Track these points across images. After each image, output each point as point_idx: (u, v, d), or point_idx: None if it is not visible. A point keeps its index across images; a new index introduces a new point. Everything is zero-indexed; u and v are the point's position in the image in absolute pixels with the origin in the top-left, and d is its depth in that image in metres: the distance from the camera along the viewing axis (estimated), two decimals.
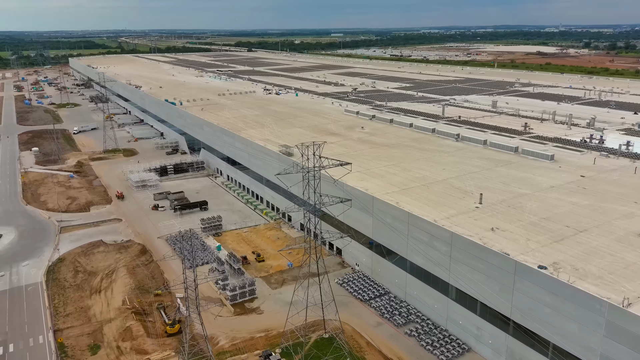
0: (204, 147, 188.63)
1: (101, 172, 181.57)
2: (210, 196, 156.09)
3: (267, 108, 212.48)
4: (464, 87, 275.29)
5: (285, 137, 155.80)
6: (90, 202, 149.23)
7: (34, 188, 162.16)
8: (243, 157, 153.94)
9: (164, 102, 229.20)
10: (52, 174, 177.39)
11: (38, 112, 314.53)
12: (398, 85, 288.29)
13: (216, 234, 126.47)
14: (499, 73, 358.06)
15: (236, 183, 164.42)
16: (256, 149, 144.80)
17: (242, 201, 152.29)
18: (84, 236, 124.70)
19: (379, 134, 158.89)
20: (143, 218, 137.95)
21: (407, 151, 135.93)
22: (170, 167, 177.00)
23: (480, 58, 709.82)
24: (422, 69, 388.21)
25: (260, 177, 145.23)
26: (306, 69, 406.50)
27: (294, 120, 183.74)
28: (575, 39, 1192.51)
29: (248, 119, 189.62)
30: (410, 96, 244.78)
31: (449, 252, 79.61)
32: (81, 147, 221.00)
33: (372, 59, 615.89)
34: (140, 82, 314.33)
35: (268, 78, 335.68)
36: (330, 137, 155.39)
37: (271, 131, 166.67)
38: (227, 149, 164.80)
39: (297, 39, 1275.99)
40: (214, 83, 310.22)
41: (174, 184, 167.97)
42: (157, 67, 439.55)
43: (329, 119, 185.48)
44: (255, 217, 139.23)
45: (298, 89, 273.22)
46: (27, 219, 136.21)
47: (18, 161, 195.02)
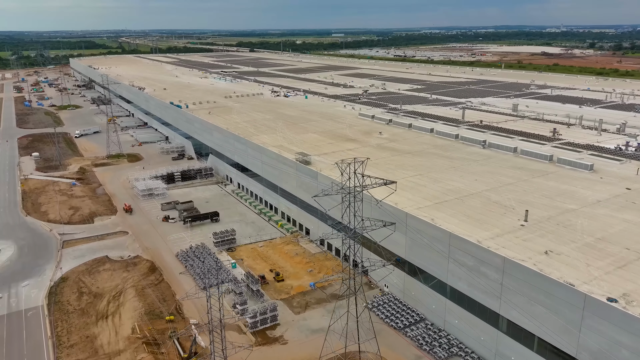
0: (212, 152, 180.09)
1: (105, 179, 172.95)
2: (221, 206, 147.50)
3: (277, 111, 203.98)
4: (477, 89, 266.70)
5: (300, 144, 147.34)
6: (94, 213, 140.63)
7: (35, 197, 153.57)
8: (256, 165, 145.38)
9: (170, 105, 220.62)
10: (54, 181, 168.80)
11: (38, 114, 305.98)
12: (409, 87, 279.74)
13: (230, 248, 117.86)
14: (512, 74, 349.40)
15: (248, 192, 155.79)
16: (271, 156, 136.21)
17: (255, 211, 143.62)
18: (88, 251, 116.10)
19: (398, 139, 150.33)
20: (150, 231, 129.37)
21: (433, 159, 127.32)
22: (178, 174, 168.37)
23: (485, 58, 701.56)
24: (430, 70, 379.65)
25: (275, 186, 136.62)
26: (312, 69, 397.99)
27: (306, 125, 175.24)
28: (578, 39, 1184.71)
29: (258, 123, 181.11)
30: (424, 99, 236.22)
31: (500, 280, 71.02)
32: (83, 151, 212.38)
33: (375, 59, 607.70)
34: (143, 83, 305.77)
35: (274, 79, 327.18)
36: (347, 143, 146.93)
37: (284, 137, 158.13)
38: (239, 156, 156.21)
39: (298, 39, 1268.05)
40: (220, 84, 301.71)
41: (181, 193, 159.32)
42: (159, 67, 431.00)
43: (343, 124, 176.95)
44: (270, 229, 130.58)
45: (307, 91, 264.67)
46: (27, 232, 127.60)
47: (17, 167, 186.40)
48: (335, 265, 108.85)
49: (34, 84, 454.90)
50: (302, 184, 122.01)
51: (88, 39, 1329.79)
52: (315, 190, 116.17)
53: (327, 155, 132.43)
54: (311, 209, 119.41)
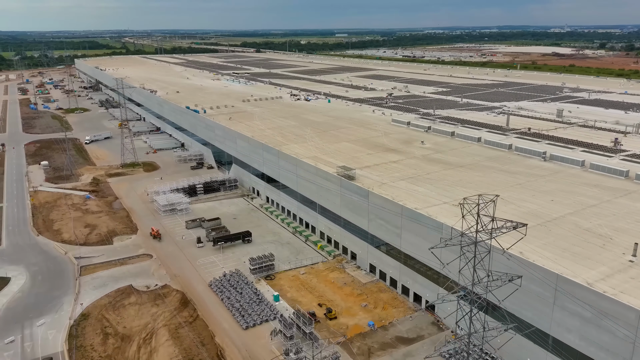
0: (235, 162, 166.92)
1: (121, 191, 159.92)
2: (250, 223, 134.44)
3: (302, 117, 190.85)
4: (507, 92, 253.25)
5: (336, 154, 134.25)
6: (113, 232, 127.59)
7: (46, 213, 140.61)
8: (290, 179, 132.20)
9: (186, 110, 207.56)
10: (66, 194, 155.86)
11: (45, 118, 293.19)
12: (434, 90, 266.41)
13: (268, 276, 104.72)
14: (538, 76, 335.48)
15: (279, 207, 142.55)
16: (308, 170, 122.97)
17: (288, 230, 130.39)
18: (110, 279, 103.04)
19: (444, 150, 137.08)
20: (176, 253, 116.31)
21: (491, 174, 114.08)
22: (200, 186, 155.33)
23: (497, 59, 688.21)
24: (451, 72, 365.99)
25: (312, 202, 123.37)
26: (325, 71, 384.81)
27: (337, 133, 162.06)
28: (585, 39, 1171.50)
29: (285, 130, 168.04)
30: (454, 102, 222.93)
31: (634, 339, 57.77)
32: (95, 159, 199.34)
33: (384, 59, 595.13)
34: (154, 85, 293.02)
35: (289, 81, 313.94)
36: (388, 154, 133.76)
37: (316, 146, 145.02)
38: (269, 168, 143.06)
39: (302, 39, 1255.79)
40: (234, 87, 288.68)
41: (206, 207, 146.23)
42: (168, 69, 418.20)
43: (377, 131, 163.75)
44: (309, 251, 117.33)
45: (327, 94, 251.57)
46: (40, 255, 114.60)
47: (26, 177, 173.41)
48: (392, 298, 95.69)
49: (38, 86, 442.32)
50: (348, 202, 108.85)
51: (91, 39, 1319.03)
52: (363, 211, 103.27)
53: (371, 169, 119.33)
54: (359, 231, 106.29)
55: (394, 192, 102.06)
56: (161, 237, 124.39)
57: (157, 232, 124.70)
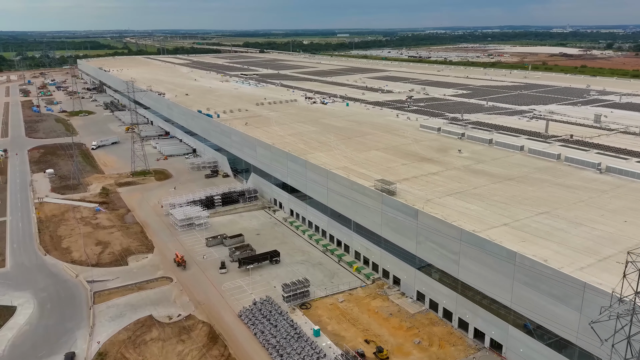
0: (254, 171, 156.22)
1: (133, 202, 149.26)
2: (275, 239, 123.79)
3: (322, 122, 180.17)
4: (531, 95, 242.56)
5: (367, 165, 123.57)
6: (127, 250, 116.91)
7: (53, 227, 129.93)
8: (319, 192, 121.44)
9: (198, 115, 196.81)
10: (74, 206, 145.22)
11: (48, 121, 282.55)
12: (454, 92, 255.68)
13: (304, 304, 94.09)
14: (558, 78, 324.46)
15: (304, 221, 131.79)
16: (341, 183, 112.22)
17: (318, 248, 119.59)
18: (127, 308, 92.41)
19: (485, 160, 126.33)
20: (199, 276, 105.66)
21: (547, 189, 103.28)
22: (218, 197, 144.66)
23: (504, 59, 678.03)
24: (466, 73, 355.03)
25: (346, 219, 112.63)
26: (335, 72, 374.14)
27: (363, 140, 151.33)
28: (590, 39, 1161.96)
29: (306, 136, 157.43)
30: (479, 106, 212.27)
31: None
32: (103, 166, 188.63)
33: (390, 60, 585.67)
34: (161, 87, 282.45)
35: (300, 83, 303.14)
36: (424, 164, 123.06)
37: (344, 155, 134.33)
38: (294, 179, 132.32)
39: (304, 39, 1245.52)
40: (245, 89, 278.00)
41: (225, 221, 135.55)
42: (173, 70, 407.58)
43: (405, 138, 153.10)
44: (344, 274, 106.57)
45: (344, 97, 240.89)
46: (48, 279, 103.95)
47: (30, 187, 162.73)
48: (447, 333, 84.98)
49: (41, 87, 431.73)
50: (390, 221, 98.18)
51: (92, 39, 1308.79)
52: (411, 232, 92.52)
53: (410, 182, 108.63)
54: (404, 254, 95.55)
55: (443, 211, 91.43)
56: (186, 264, 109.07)
57: (182, 258, 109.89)
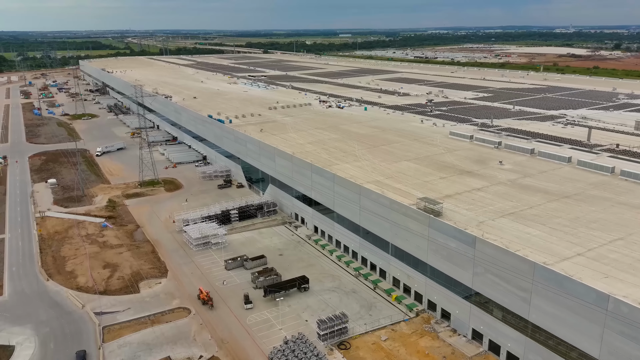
0: (272, 182, 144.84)
1: (142, 217, 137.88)
2: (301, 261, 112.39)
3: (342, 128, 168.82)
4: (557, 98, 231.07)
5: (401, 178, 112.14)
6: (138, 274, 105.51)
7: (56, 247, 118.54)
8: (350, 209, 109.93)
9: (209, 120, 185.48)
10: (78, 221, 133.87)
11: (50, 125, 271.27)
12: (474, 95, 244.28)
13: (342, 343, 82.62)
14: (581, 80, 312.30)
15: (331, 240, 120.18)
16: (378, 201, 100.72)
17: (350, 273, 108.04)
18: (141, 348, 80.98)
19: (532, 173, 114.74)
20: (220, 306, 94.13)
21: (612, 210, 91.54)
22: (235, 212, 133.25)
23: (513, 60, 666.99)
24: (482, 74, 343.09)
25: (383, 241, 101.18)
26: (345, 73, 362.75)
27: (390, 148, 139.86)
28: (594, 40, 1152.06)
29: (327, 144, 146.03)
30: (505, 110, 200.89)
31: None
32: (108, 175, 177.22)
33: (396, 60, 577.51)
34: (167, 90, 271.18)
35: (311, 85, 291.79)
36: (465, 178, 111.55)
37: (373, 166, 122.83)
38: (320, 193, 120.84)
39: (307, 39, 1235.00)
40: (254, 92, 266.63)
41: (243, 239, 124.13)
42: (178, 71, 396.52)
43: (436, 146, 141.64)
44: (382, 305, 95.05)
45: (360, 100, 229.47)
46: (51, 310, 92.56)
47: (31, 199, 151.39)
48: None
49: (42, 88, 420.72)
50: (439, 247, 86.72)
51: (93, 39, 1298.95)
52: (466, 261, 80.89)
53: (455, 200, 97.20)
54: (456, 286, 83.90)
55: (502, 236, 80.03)
56: (212, 302, 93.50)
57: (208, 295, 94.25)
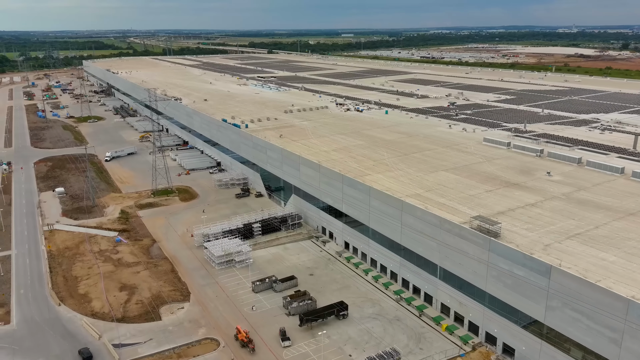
0: (296, 192, 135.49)
1: (157, 230, 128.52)
2: (334, 282, 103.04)
3: (366, 134, 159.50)
4: (583, 101, 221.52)
5: (443, 191, 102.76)
6: (158, 297, 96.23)
7: (67, 265, 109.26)
8: (388, 226, 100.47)
9: (226, 125, 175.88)
10: (90, 235, 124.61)
11: (55, 128, 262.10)
12: (496, 98, 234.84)
13: None
14: (602, 82, 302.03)
15: (365, 258, 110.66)
16: (423, 219, 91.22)
17: (389, 296, 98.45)
18: None
19: (586, 186, 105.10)
20: (252, 336, 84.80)
21: None
22: (257, 224, 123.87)
23: (521, 60, 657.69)
24: (498, 75, 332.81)
25: (430, 264, 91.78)
26: (356, 74, 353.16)
27: (423, 157, 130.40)
28: (600, 40, 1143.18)
29: (354, 152, 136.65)
30: (533, 114, 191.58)
31: None
32: (119, 183, 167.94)
33: (403, 60, 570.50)
34: (176, 92, 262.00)
35: (324, 87, 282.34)
36: (513, 191, 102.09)
37: (409, 177, 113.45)
38: (352, 207, 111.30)
39: (310, 39, 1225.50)
40: (266, 94, 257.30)
41: (269, 256, 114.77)
42: (185, 72, 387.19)
43: (472, 154, 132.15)
44: (432, 336, 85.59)
45: (378, 103, 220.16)
46: (65, 341, 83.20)
47: (38, 210, 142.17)
48: None
49: (45, 89, 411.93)
50: (502, 275, 77.24)
51: (95, 39, 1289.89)
52: (537, 293, 71.09)
53: (508, 217, 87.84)
54: (522, 319, 74.41)
55: (574, 263, 70.80)
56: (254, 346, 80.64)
57: (248, 335, 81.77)
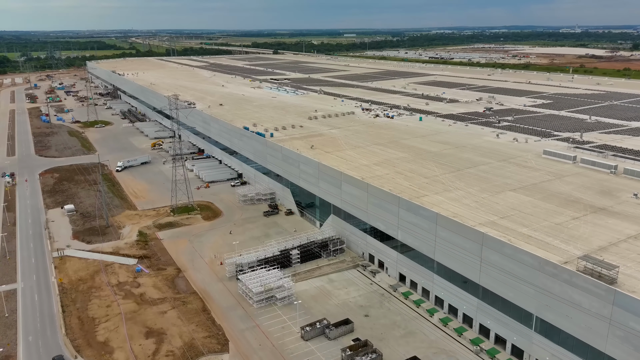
0: (335, 212, 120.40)
1: (181, 256, 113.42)
2: (395, 327, 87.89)
3: (405, 144, 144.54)
4: (627, 107, 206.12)
5: (522, 219, 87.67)
6: (192, 346, 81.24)
7: (81, 302, 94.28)
8: (465, 263, 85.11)
9: (249, 134, 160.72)
10: (106, 263, 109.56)
11: (60, 134, 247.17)
12: (532, 102, 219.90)
13: None
14: (635, 85, 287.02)
15: (427, 295, 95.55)
16: (514, 257, 76.10)
17: (468, 347, 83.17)
18: None
19: None
20: None
21: None
22: (296, 251, 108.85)
23: (533, 61, 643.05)
24: (523, 77, 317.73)
25: (519, 310, 76.71)
26: (372, 76, 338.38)
27: (480, 173, 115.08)
28: (606, 40, 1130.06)
29: (399, 166, 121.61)
30: (579, 121, 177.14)
31: None
32: (133, 198, 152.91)
33: (410, 61, 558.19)
34: (188, 95, 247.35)
35: (342, 90, 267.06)
36: (604, 218, 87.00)
37: (474, 200, 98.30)
38: (412, 235, 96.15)
39: (313, 39, 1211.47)
40: (284, 98, 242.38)
41: (313, 290, 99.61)
42: (193, 73, 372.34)
43: (537, 170, 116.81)
44: None
45: (407, 108, 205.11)
46: None
47: (46, 230, 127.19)
48: None
49: (48, 92, 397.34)
50: (632, 338, 62.33)
51: (97, 39, 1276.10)
52: None
53: (613, 254, 73.07)
54: None
55: None
56: None
57: None
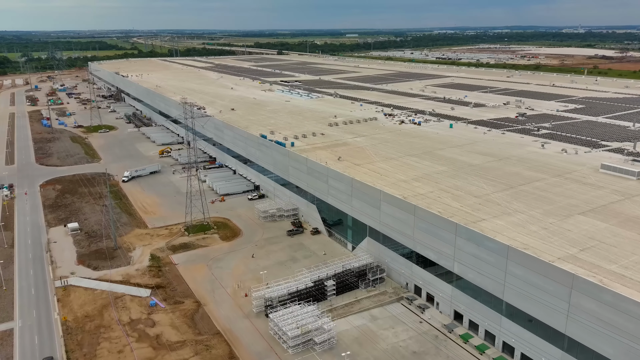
0: (371, 234, 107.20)
1: (199, 285, 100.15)
2: None
3: (441, 155, 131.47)
4: None
5: (604, 250, 74.78)
6: None
7: (89, 345, 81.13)
8: (546, 307, 71.73)
9: (268, 143, 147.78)
10: (116, 295, 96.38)
11: (62, 139, 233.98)
12: (564, 107, 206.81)
13: None
14: None
15: (492, 339, 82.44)
16: (616, 306, 63.01)
17: None
18: None
19: None
20: None
21: None
22: (331, 281, 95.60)
23: (544, 62, 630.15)
24: (544, 79, 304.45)
25: None
26: (386, 78, 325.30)
27: (536, 191, 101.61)
28: (612, 40, 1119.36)
29: (441, 182, 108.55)
30: (620, 128, 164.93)
31: None
32: (143, 213, 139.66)
33: (418, 62, 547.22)
34: (196, 98, 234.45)
35: (358, 93, 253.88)
36: None
37: (541, 225, 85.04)
38: (474, 269, 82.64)
39: (315, 39, 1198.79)
40: (298, 102, 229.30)
41: (354, 331, 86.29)
42: (199, 75, 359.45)
43: (598, 188, 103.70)
44: None
45: (433, 114, 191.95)
46: None
47: (48, 254, 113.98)
48: None
49: (49, 93, 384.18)
50: None
51: (98, 39, 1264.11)
52: None
53: None
54: None
55: None
56: None
57: None
